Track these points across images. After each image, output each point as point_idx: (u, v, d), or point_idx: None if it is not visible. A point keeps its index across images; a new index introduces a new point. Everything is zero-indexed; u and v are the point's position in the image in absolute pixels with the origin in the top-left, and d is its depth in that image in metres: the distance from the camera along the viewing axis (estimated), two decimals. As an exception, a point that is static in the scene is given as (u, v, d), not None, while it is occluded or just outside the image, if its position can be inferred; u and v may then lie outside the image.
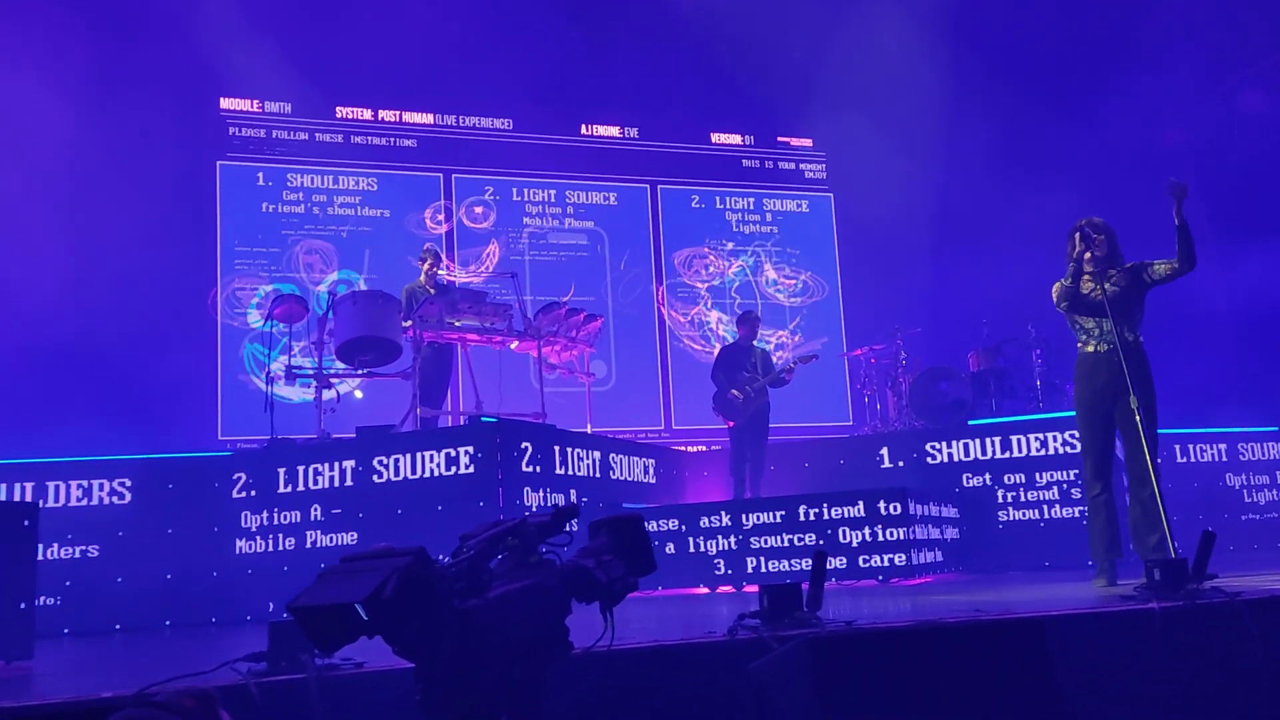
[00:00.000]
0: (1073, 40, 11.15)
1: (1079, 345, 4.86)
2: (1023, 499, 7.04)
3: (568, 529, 2.01)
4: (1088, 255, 4.69)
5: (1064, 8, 11.06)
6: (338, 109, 10.76)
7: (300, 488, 6.21)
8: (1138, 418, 4.37)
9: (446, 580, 1.71)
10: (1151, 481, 4.40)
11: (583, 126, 11.57)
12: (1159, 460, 4.58)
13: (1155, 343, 4.94)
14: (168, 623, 6.08)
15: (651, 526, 6.55)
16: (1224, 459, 7.83)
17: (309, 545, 6.09)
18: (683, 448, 9.88)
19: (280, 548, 6.14)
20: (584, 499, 6.62)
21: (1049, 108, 11.05)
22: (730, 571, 6.30)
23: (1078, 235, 4.73)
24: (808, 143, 12.36)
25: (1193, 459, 7.69)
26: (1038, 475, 7.02)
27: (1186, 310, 9.76)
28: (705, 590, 6.34)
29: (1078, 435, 4.93)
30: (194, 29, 9.37)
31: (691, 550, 6.42)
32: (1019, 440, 7.11)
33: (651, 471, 7.64)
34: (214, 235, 10.06)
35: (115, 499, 6.29)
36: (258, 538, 6.20)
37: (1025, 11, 10.91)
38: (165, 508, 6.27)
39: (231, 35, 9.49)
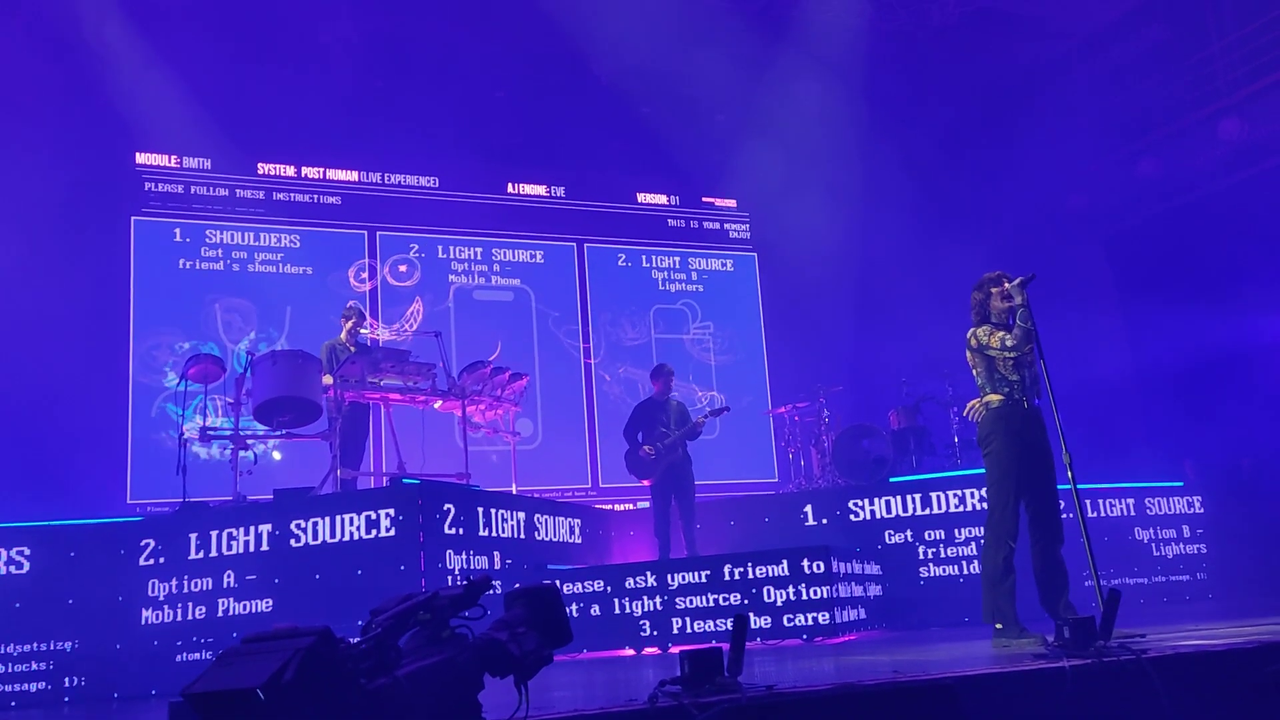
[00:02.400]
0: (983, 110, 11.73)
1: (999, 396, 4.66)
2: (942, 555, 7.17)
3: (482, 601, 1.98)
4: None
5: (976, 79, 11.64)
6: (260, 165, 10.62)
7: (213, 553, 5.99)
8: (1070, 473, 4.39)
9: (353, 659, 1.67)
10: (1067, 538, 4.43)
11: (509, 185, 11.63)
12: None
13: (1063, 399, 5.03)
14: (66, 700, 5.78)
15: (576, 588, 6.47)
16: (1132, 513, 8.08)
17: (221, 614, 5.86)
18: (610, 506, 9.82)
19: (190, 617, 5.90)
20: (508, 561, 6.52)
21: (961, 171, 11.55)
22: (656, 633, 6.25)
23: (1019, 283, 4.55)
24: (732, 203, 12.63)
25: (1102, 513, 7.93)
26: (957, 531, 7.17)
27: (1092, 368, 10.18)
28: (631, 652, 6.27)
29: (998, 491, 4.68)
30: (108, 82, 9.20)
31: (617, 611, 6.36)
32: (938, 497, 7.26)
33: (577, 532, 7.57)
34: (127, 292, 9.76)
35: (13, 568, 6.02)
36: (165, 607, 5.95)
37: (940, 83, 11.45)
38: (66, 577, 6.01)
39: (148, 89, 9.34)
